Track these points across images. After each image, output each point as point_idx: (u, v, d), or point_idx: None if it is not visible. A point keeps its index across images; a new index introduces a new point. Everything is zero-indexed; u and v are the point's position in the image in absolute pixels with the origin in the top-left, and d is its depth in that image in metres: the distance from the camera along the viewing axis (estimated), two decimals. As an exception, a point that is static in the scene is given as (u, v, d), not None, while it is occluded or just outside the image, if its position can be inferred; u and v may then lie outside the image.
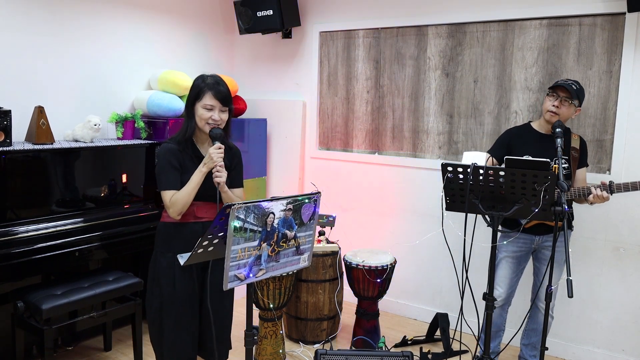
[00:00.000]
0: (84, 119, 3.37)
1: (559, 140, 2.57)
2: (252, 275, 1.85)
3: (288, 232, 1.92)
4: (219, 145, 2.25)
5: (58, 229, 3.00)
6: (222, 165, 2.24)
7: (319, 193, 2.00)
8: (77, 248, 3.00)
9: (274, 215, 1.84)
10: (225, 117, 2.34)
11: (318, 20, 4.29)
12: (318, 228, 3.62)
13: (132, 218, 3.36)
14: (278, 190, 4.56)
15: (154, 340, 2.44)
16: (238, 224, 1.74)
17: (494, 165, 2.86)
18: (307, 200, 1.94)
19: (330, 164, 4.35)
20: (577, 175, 2.91)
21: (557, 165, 2.48)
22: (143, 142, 3.59)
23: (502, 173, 2.27)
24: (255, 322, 3.24)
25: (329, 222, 3.55)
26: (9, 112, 2.94)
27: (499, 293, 2.96)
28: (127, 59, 3.87)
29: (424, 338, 3.62)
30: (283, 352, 3.30)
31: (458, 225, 2.56)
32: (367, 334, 3.44)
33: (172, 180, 2.27)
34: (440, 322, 3.44)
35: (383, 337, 3.45)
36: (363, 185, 4.20)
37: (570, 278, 2.05)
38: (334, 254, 3.58)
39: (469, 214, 2.41)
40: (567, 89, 2.76)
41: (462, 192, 2.40)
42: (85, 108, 3.60)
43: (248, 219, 1.76)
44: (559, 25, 3.32)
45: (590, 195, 2.71)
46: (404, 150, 4.00)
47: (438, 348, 3.52)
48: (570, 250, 2.76)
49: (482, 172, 2.30)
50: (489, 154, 2.93)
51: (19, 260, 2.76)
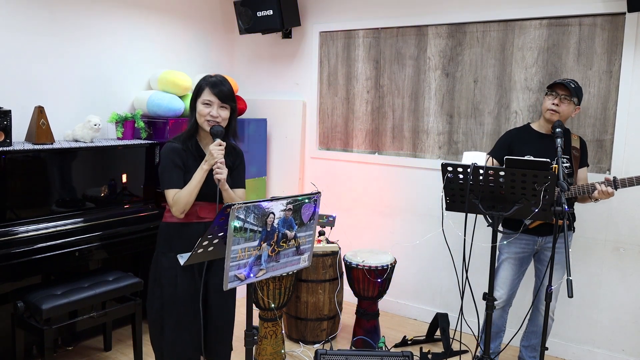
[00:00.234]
0: (84, 119, 3.37)
1: (559, 140, 2.57)
2: (252, 275, 1.85)
3: (288, 232, 1.92)
4: (220, 142, 2.24)
5: (58, 229, 3.00)
6: (222, 162, 2.22)
7: (319, 193, 2.00)
8: (77, 248, 3.00)
9: (274, 215, 1.84)
10: (225, 114, 2.32)
11: (318, 20, 4.29)
12: (318, 228, 3.62)
13: (132, 218, 3.36)
14: (278, 190, 4.56)
15: (154, 341, 2.43)
16: (238, 224, 1.74)
17: (494, 166, 2.86)
18: (307, 200, 1.94)
19: (330, 164, 4.35)
20: (578, 175, 2.91)
21: (557, 165, 2.48)
22: (143, 142, 3.59)
23: (502, 173, 2.27)
24: (255, 322, 3.24)
25: (329, 222, 3.55)
26: (9, 112, 2.94)
27: (500, 295, 2.95)
28: (127, 59, 3.87)
29: (424, 338, 3.62)
30: (283, 352, 3.30)
31: (458, 225, 2.56)
32: (367, 334, 3.44)
33: (175, 179, 2.27)
34: (440, 322, 3.44)
35: (383, 337, 3.44)
36: (363, 185, 4.20)
37: (570, 278, 2.05)
38: (334, 254, 3.58)
39: (469, 214, 2.41)
40: (565, 87, 2.76)
41: (462, 192, 2.40)
42: (85, 108, 3.60)
43: (248, 219, 1.76)
44: (559, 25, 3.32)
45: (595, 192, 2.70)
46: (404, 150, 4.00)
47: (438, 348, 3.52)
48: (571, 250, 2.76)
49: (482, 172, 2.30)
50: (490, 156, 2.93)
51: (19, 260, 2.76)
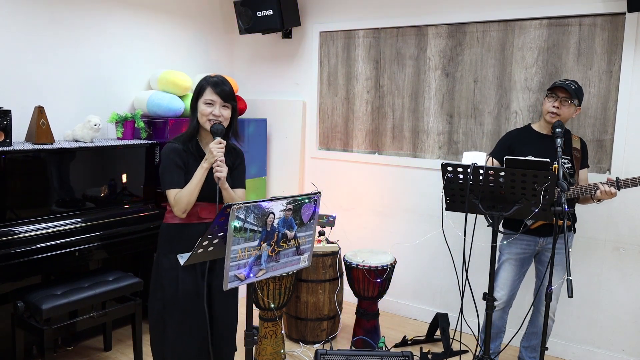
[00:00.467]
0: (84, 119, 3.37)
1: (559, 140, 2.57)
2: (252, 275, 1.85)
3: (288, 232, 1.92)
4: (220, 140, 2.23)
5: (58, 229, 3.00)
6: (222, 161, 2.22)
7: (319, 193, 2.00)
8: (77, 248, 3.00)
9: (274, 215, 1.84)
10: (227, 113, 2.32)
11: (318, 20, 4.29)
12: (318, 228, 3.62)
13: (132, 218, 3.36)
14: (278, 190, 4.56)
15: (155, 346, 2.39)
16: (238, 224, 1.74)
17: (494, 166, 2.86)
18: (307, 200, 1.94)
19: (330, 164, 4.35)
20: (579, 176, 2.90)
21: (557, 165, 2.48)
22: (143, 142, 3.59)
23: (502, 173, 2.27)
24: (255, 322, 3.24)
25: (329, 222, 3.55)
26: (9, 112, 2.94)
27: (500, 295, 2.95)
28: (127, 59, 3.87)
29: (424, 338, 3.62)
30: (283, 352, 3.30)
31: (458, 225, 2.56)
32: (367, 334, 3.44)
33: (176, 179, 2.27)
34: (440, 322, 3.44)
35: (383, 337, 3.44)
36: (363, 185, 4.20)
37: (570, 278, 2.05)
38: (334, 254, 3.58)
39: (469, 214, 2.41)
40: (566, 89, 2.76)
41: (462, 192, 2.40)
42: (85, 108, 3.60)
43: (248, 219, 1.76)
44: (559, 25, 3.32)
45: (598, 191, 2.70)
46: (404, 150, 4.00)
47: (438, 348, 3.52)
48: (571, 251, 2.76)
49: (482, 172, 2.30)
50: (490, 156, 2.93)
51: (19, 260, 2.76)
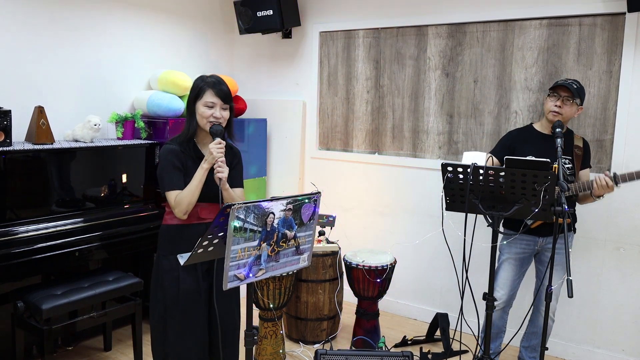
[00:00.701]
0: (84, 119, 3.37)
1: (559, 140, 2.57)
2: (251, 275, 1.85)
3: (288, 232, 1.92)
4: (219, 141, 2.23)
5: (58, 229, 3.00)
6: (223, 161, 2.21)
7: (319, 193, 2.00)
8: (77, 248, 3.00)
9: (274, 215, 1.84)
10: (227, 115, 2.33)
11: (318, 20, 4.29)
12: (318, 228, 3.62)
13: (132, 218, 3.36)
14: (278, 190, 4.56)
15: (156, 347, 2.37)
16: (238, 224, 1.74)
17: (495, 166, 2.86)
18: (307, 200, 1.94)
19: (330, 164, 4.35)
20: (581, 177, 2.89)
21: (557, 165, 2.48)
22: (143, 142, 3.59)
23: (502, 173, 2.27)
24: (255, 322, 3.24)
25: (329, 222, 3.55)
26: (9, 112, 2.94)
27: (500, 295, 2.95)
28: (127, 59, 3.87)
29: (424, 338, 3.62)
30: (283, 352, 3.30)
31: (458, 225, 2.56)
32: (367, 334, 3.44)
33: (175, 181, 2.26)
34: (440, 322, 3.44)
35: (383, 337, 3.44)
36: (363, 185, 4.20)
37: (570, 278, 2.05)
38: (334, 254, 3.58)
39: (469, 214, 2.41)
40: (568, 88, 2.76)
41: (462, 192, 2.40)
42: (85, 108, 3.60)
43: (248, 219, 1.76)
44: (559, 25, 3.32)
45: (594, 184, 2.69)
46: (404, 150, 4.00)
47: (438, 348, 3.52)
48: (571, 251, 2.76)
49: (482, 172, 2.30)
50: (491, 155, 2.93)
51: (19, 260, 2.76)
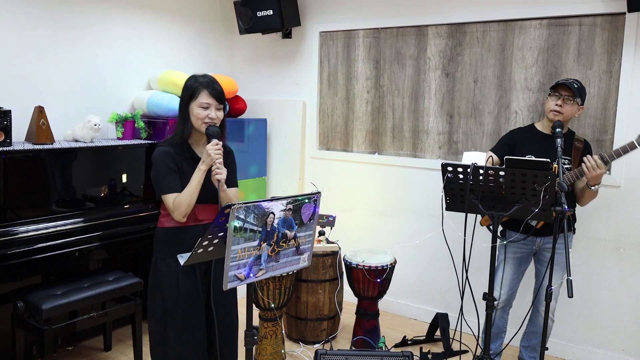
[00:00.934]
0: (84, 119, 3.37)
1: (559, 140, 2.57)
2: (252, 275, 1.85)
3: (288, 232, 1.92)
4: (217, 142, 2.21)
5: (58, 229, 3.00)
6: (221, 162, 2.20)
7: (319, 193, 2.00)
8: (77, 248, 3.00)
9: (274, 215, 1.84)
10: (221, 115, 2.30)
11: (318, 20, 4.29)
12: (318, 228, 3.62)
13: (132, 218, 3.36)
14: (278, 190, 4.56)
15: (156, 350, 2.35)
16: (238, 224, 1.74)
17: (495, 164, 2.86)
18: (307, 200, 1.94)
19: (330, 164, 4.35)
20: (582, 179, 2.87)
21: (557, 165, 2.48)
22: (143, 142, 3.59)
23: (502, 173, 2.27)
24: (255, 322, 3.24)
25: (329, 222, 3.55)
26: (9, 112, 2.94)
27: (500, 295, 2.95)
28: (127, 59, 3.87)
29: (424, 338, 3.62)
30: (283, 352, 3.30)
31: (458, 225, 2.56)
32: (367, 334, 3.44)
33: (172, 184, 2.23)
34: (440, 322, 3.44)
35: (383, 337, 3.44)
36: (363, 185, 4.20)
37: (570, 278, 2.05)
38: (334, 254, 3.58)
39: (469, 214, 2.41)
40: (568, 87, 2.76)
41: (462, 192, 2.40)
42: (85, 108, 3.60)
43: (248, 219, 1.76)
44: (559, 25, 3.32)
45: (584, 167, 2.65)
46: (404, 150, 4.00)
47: (438, 348, 3.52)
48: (571, 250, 2.76)
49: (482, 172, 2.31)
50: (491, 152, 2.93)
51: (19, 260, 2.76)
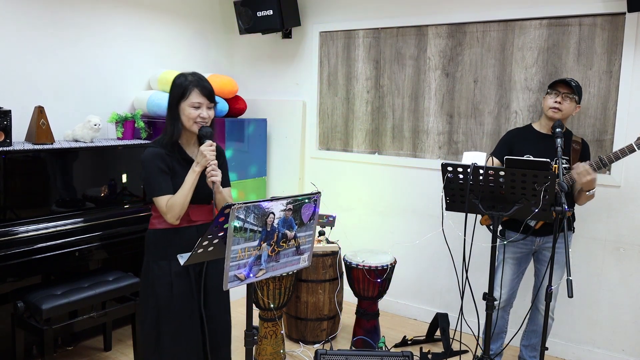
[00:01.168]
0: (84, 119, 3.37)
1: (559, 140, 2.57)
2: (252, 275, 1.85)
3: (288, 232, 1.92)
4: (211, 143, 2.19)
5: (58, 229, 3.00)
6: (215, 164, 2.18)
7: (319, 193, 1.99)
8: (77, 248, 3.00)
9: (274, 215, 1.84)
10: (212, 114, 2.27)
11: (318, 20, 4.29)
12: (318, 228, 3.62)
13: (132, 218, 3.36)
14: (278, 190, 4.56)
15: (149, 354, 2.28)
16: (238, 224, 1.74)
17: (496, 166, 2.86)
18: (307, 200, 1.94)
19: (330, 164, 4.35)
20: None
21: (557, 165, 2.48)
22: (143, 142, 3.60)
23: (502, 173, 2.27)
24: (255, 322, 3.24)
25: (329, 222, 3.55)
26: (9, 112, 2.94)
27: (500, 295, 2.96)
28: (127, 59, 3.87)
29: (424, 338, 3.62)
30: (283, 352, 3.30)
31: (458, 225, 2.56)
32: (367, 334, 3.44)
33: (164, 185, 2.19)
34: (440, 322, 3.44)
35: (383, 337, 3.44)
36: (363, 185, 4.20)
37: (570, 278, 2.05)
38: (334, 254, 3.58)
39: (469, 214, 2.41)
40: (567, 84, 2.77)
41: (462, 192, 2.40)
42: (85, 108, 3.60)
43: (248, 219, 1.76)
44: (559, 25, 3.32)
45: (573, 173, 2.66)
46: (404, 151, 4.00)
47: (438, 348, 3.52)
48: (571, 250, 2.76)
49: (482, 172, 2.30)
50: (491, 155, 2.93)
51: (19, 260, 2.76)
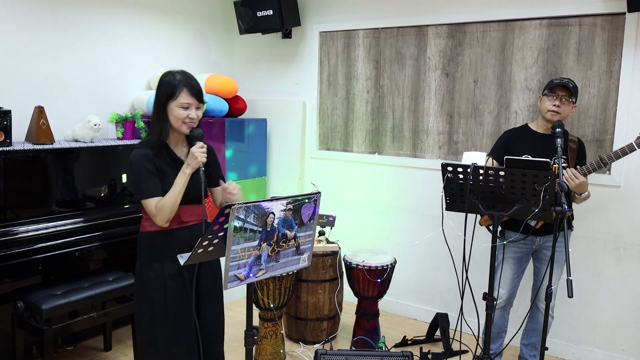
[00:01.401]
0: (84, 119, 3.37)
1: (559, 140, 2.56)
2: (252, 275, 1.85)
3: (288, 232, 1.92)
4: (202, 145, 2.17)
5: (58, 229, 3.00)
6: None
7: (319, 193, 2.00)
8: (77, 248, 3.00)
9: (274, 215, 1.84)
10: (201, 114, 2.24)
11: (318, 20, 4.29)
12: (318, 228, 3.62)
13: (132, 218, 3.36)
14: (278, 190, 4.56)
15: (147, 356, 2.26)
16: (238, 224, 1.74)
17: (494, 166, 2.86)
18: (307, 200, 1.94)
19: (330, 164, 4.35)
20: None
21: (557, 165, 2.48)
22: (143, 142, 3.59)
23: (502, 173, 2.27)
24: (255, 322, 3.24)
25: (329, 222, 3.55)
26: (9, 112, 2.94)
27: (500, 294, 2.96)
28: (127, 59, 3.87)
29: (424, 338, 3.62)
30: (283, 352, 3.30)
31: (458, 225, 2.56)
32: (367, 334, 3.44)
33: (153, 187, 2.14)
34: (440, 322, 3.44)
35: (383, 337, 3.44)
36: (363, 185, 4.20)
37: (570, 278, 2.05)
38: (334, 254, 3.58)
39: (469, 214, 2.41)
40: (566, 87, 2.77)
41: (462, 192, 2.40)
42: (85, 108, 3.60)
43: (248, 219, 1.76)
44: (559, 25, 3.32)
45: (563, 179, 2.65)
46: (404, 151, 4.00)
47: (438, 348, 3.52)
48: (570, 250, 2.76)
49: (482, 172, 2.30)
50: (489, 156, 2.93)
51: (19, 260, 2.76)
